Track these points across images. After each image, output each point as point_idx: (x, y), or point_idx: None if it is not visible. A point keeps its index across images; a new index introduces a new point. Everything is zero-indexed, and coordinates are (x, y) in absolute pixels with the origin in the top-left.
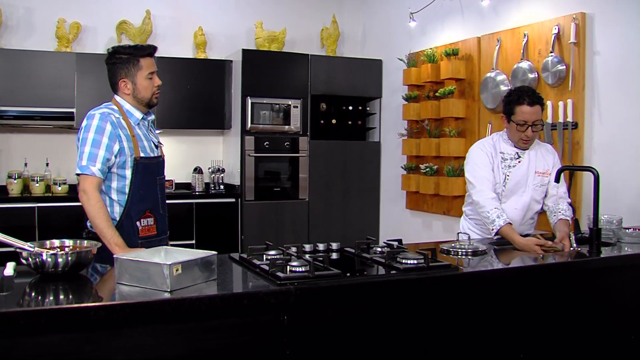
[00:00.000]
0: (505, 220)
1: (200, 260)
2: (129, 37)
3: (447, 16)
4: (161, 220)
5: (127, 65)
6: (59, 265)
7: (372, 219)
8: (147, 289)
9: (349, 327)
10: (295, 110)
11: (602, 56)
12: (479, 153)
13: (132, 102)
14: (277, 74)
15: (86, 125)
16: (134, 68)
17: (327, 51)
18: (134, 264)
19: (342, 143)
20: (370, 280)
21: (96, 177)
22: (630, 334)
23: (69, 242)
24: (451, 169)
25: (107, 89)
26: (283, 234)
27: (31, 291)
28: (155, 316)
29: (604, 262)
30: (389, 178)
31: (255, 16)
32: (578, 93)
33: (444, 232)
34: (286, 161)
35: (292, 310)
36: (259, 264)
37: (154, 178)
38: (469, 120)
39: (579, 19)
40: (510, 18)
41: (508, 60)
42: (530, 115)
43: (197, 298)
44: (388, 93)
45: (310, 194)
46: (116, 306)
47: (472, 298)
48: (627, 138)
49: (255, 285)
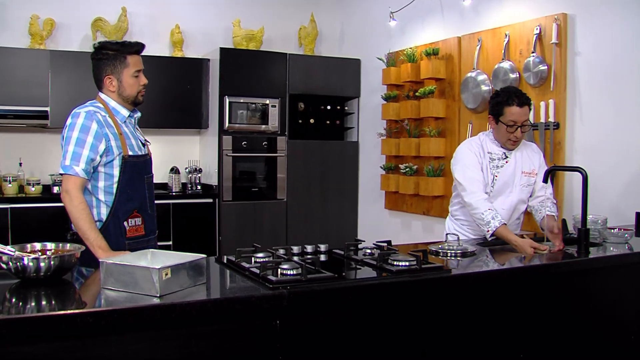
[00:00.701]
0: (500, 221)
1: (189, 264)
2: (104, 34)
3: (427, 16)
4: (149, 220)
5: (114, 62)
6: (41, 270)
7: (351, 219)
8: (135, 294)
9: (341, 331)
10: (273, 109)
11: (584, 57)
12: (467, 153)
13: (117, 99)
14: (255, 73)
15: (71, 123)
16: (120, 65)
17: (305, 50)
18: (120, 268)
19: (320, 143)
20: (365, 283)
21: (80, 177)
22: (630, 334)
23: (51, 246)
24: (431, 169)
25: (82, 87)
26: (261, 235)
27: (12, 297)
28: (144, 322)
29: (599, 262)
30: (368, 178)
31: (232, 14)
32: (560, 93)
33: (423, 232)
34: (264, 161)
35: (285, 315)
36: (248, 267)
37: (142, 177)
38: (449, 120)
39: (560, 19)
40: (491, 18)
41: (489, 60)
42: (519, 116)
43: (188, 303)
44: (366, 93)
45: (289, 194)
46: (104, 312)
47: (464, 299)
48: (608, 138)
49: (246, 289)
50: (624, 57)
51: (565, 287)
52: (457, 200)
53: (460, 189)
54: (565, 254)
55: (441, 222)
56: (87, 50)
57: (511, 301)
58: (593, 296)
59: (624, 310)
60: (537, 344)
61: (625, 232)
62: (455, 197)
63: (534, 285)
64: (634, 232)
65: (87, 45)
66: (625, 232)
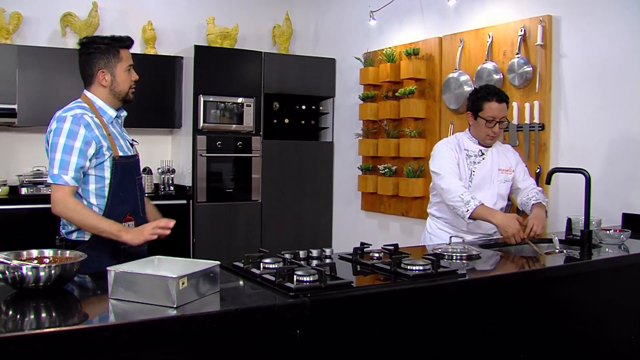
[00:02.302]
0: (480, 201)
1: (204, 272)
2: (74, 30)
3: (405, 16)
4: (141, 223)
5: (107, 56)
6: (40, 280)
7: (326, 220)
8: (148, 304)
9: (361, 338)
10: (248, 109)
11: (569, 59)
12: (443, 148)
13: (106, 97)
14: (230, 72)
15: (56, 128)
16: (114, 59)
17: (279, 49)
18: (131, 277)
19: (295, 143)
20: (386, 289)
21: (69, 185)
22: (630, 334)
23: (49, 252)
24: (411, 170)
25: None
26: (236, 237)
27: (9, 310)
28: (162, 336)
29: (604, 264)
30: (344, 179)
31: (206, 12)
32: (545, 95)
33: (402, 233)
34: (239, 161)
35: (305, 324)
36: (259, 273)
37: (133, 178)
38: (430, 121)
39: (545, 21)
40: (473, 19)
41: (471, 60)
42: (498, 111)
43: (209, 314)
44: (341, 92)
45: (263, 195)
46: (121, 326)
47: (475, 302)
48: (593, 140)
49: (264, 298)
50: (609, 60)
51: (569, 289)
52: (435, 200)
53: (437, 179)
54: (568, 257)
55: (420, 223)
56: (56, 45)
57: (516, 303)
58: (594, 297)
59: (624, 310)
60: (537, 344)
61: (622, 234)
62: (434, 197)
63: (539, 287)
64: (630, 233)
65: (56, 41)
66: (621, 233)
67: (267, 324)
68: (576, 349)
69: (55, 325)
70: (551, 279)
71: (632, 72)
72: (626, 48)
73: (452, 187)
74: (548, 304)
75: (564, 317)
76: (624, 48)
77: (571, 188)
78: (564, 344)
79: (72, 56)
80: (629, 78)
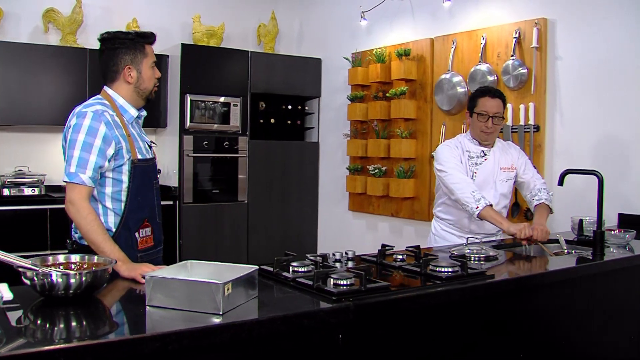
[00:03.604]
0: (489, 200)
1: (245, 278)
2: (57, 26)
3: (395, 16)
4: (157, 229)
5: (133, 51)
6: (70, 287)
7: (313, 220)
8: (191, 312)
9: (400, 341)
10: (235, 108)
11: (564, 61)
12: (446, 149)
13: (130, 95)
14: (217, 71)
15: (75, 124)
16: (140, 54)
17: (264, 48)
18: (172, 283)
19: (281, 143)
20: (427, 292)
21: (86, 186)
22: (630, 334)
23: (75, 258)
24: (402, 171)
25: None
26: (222, 238)
27: (47, 321)
28: (212, 344)
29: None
30: (330, 179)
31: (190, 10)
32: (540, 97)
33: (391, 234)
34: (225, 162)
35: (348, 328)
36: (292, 277)
37: (151, 182)
38: (421, 122)
39: (540, 24)
40: (466, 20)
41: (464, 62)
42: (491, 107)
43: (258, 321)
44: (328, 93)
45: (250, 195)
46: (172, 335)
47: (499, 303)
48: (587, 141)
49: (306, 303)
50: (603, 62)
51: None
52: (440, 200)
53: (444, 177)
54: (580, 257)
55: (410, 223)
56: (38, 42)
57: (526, 304)
58: (596, 297)
59: (625, 310)
60: (539, 344)
61: (626, 234)
62: (439, 198)
63: (550, 288)
64: (635, 234)
65: (38, 37)
66: (625, 233)
67: (311, 329)
68: (576, 348)
69: (99, 336)
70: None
71: (627, 75)
72: (621, 51)
73: (462, 183)
74: (552, 304)
75: (566, 317)
76: (618, 51)
77: (567, 188)
78: (564, 343)
79: (55, 53)
80: (623, 81)
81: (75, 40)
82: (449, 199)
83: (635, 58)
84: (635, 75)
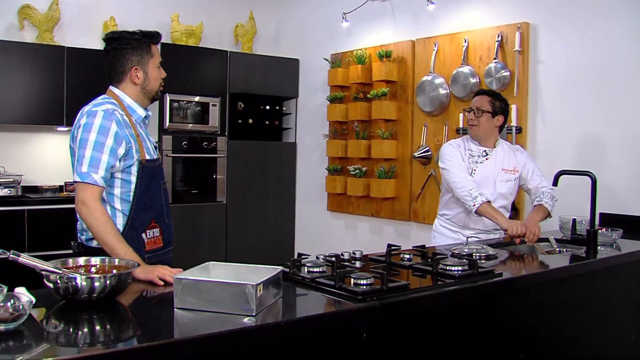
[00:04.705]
0: (487, 197)
1: (273, 278)
2: (33, 23)
3: (375, 18)
4: (167, 230)
5: (140, 51)
6: (94, 291)
7: (291, 220)
8: (223, 313)
9: (419, 339)
10: (213, 108)
11: (546, 65)
12: (449, 147)
13: (136, 95)
14: (196, 71)
15: (86, 123)
16: (146, 55)
17: (242, 48)
18: (206, 285)
19: (258, 143)
20: (443, 290)
21: (98, 186)
22: (630, 334)
23: (95, 261)
24: (383, 171)
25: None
26: (201, 238)
27: (80, 325)
28: (248, 346)
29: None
30: (309, 180)
31: (169, 9)
32: (522, 99)
33: (371, 233)
34: (204, 162)
35: (372, 327)
36: (310, 277)
37: (158, 183)
38: (401, 123)
39: (523, 28)
40: (448, 23)
41: (446, 64)
42: (474, 101)
43: (292, 322)
44: (305, 93)
45: (228, 196)
46: (212, 337)
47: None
48: (568, 142)
49: (332, 303)
50: (584, 66)
51: (575, 287)
52: (443, 198)
53: (446, 175)
54: (574, 256)
55: (390, 223)
56: (13, 39)
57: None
58: (596, 296)
59: (625, 310)
60: (538, 344)
61: (613, 233)
62: (443, 195)
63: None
64: (622, 232)
65: (14, 34)
66: (612, 232)
67: (340, 329)
68: (576, 347)
69: (132, 341)
70: (564, 279)
71: (606, 78)
72: (600, 55)
73: (461, 180)
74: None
75: (564, 316)
76: (598, 55)
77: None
78: (563, 342)
79: (31, 50)
80: (602, 83)
81: (52, 37)
82: (451, 196)
83: (614, 62)
84: (614, 78)
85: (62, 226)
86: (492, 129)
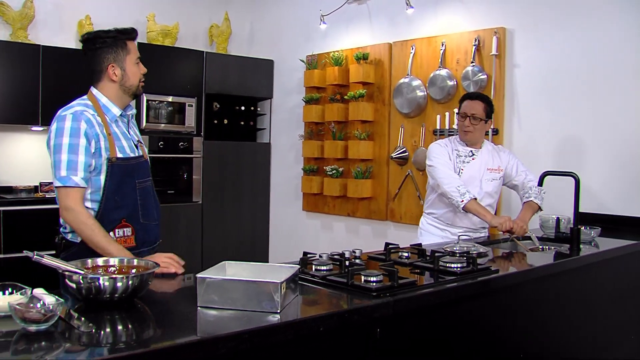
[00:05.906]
0: (473, 195)
1: (293, 276)
2: (6, 21)
3: (351, 21)
4: (142, 229)
5: (115, 49)
6: (117, 291)
7: (266, 220)
8: (247, 311)
9: (428, 334)
10: (190, 109)
11: (522, 69)
12: (437, 147)
13: (114, 93)
14: (173, 71)
15: (57, 128)
16: (122, 52)
17: (217, 49)
18: (231, 284)
19: (234, 144)
20: (449, 287)
21: (80, 187)
22: (630, 334)
23: (114, 261)
24: (360, 171)
25: None
26: (177, 239)
27: (111, 325)
28: (275, 342)
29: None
30: (284, 180)
31: (144, 8)
32: (499, 102)
33: (347, 233)
34: (180, 162)
35: (385, 323)
36: (321, 275)
37: (133, 181)
38: (378, 124)
39: (500, 33)
40: (425, 27)
41: (423, 67)
42: (469, 108)
43: (317, 318)
44: (280, 94)
45: (204, 196)
46: (243, 334)
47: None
48: (543, 144)
49: (348, 300)
50: (559, 70)
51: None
52: (429, 197)
53: (433, 172)
54: (558, 253)
55: (366, 223)
56: None
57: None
58: (596, 296)
59: (625, 309)
60: (538, 343)
61: (592, 230)
62: (429, 194)
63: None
64: (600, 231)
65: None
66: (591, 230)
67: (358, 325)
68: (576, 347)
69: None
70: (553, 275)
71: (580, 81)
72: (574, 59)
73: (448, 178)
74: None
75: (564, 316)
76: (572, 59)
77: None
78: (563, 342)
79: (6, 49)
80: (576, 86)
81: (27, 36)
82: (437, 195)
83: (588, 65)
84: (589, 81)
85: (38, 227)
86: (483, 133)
